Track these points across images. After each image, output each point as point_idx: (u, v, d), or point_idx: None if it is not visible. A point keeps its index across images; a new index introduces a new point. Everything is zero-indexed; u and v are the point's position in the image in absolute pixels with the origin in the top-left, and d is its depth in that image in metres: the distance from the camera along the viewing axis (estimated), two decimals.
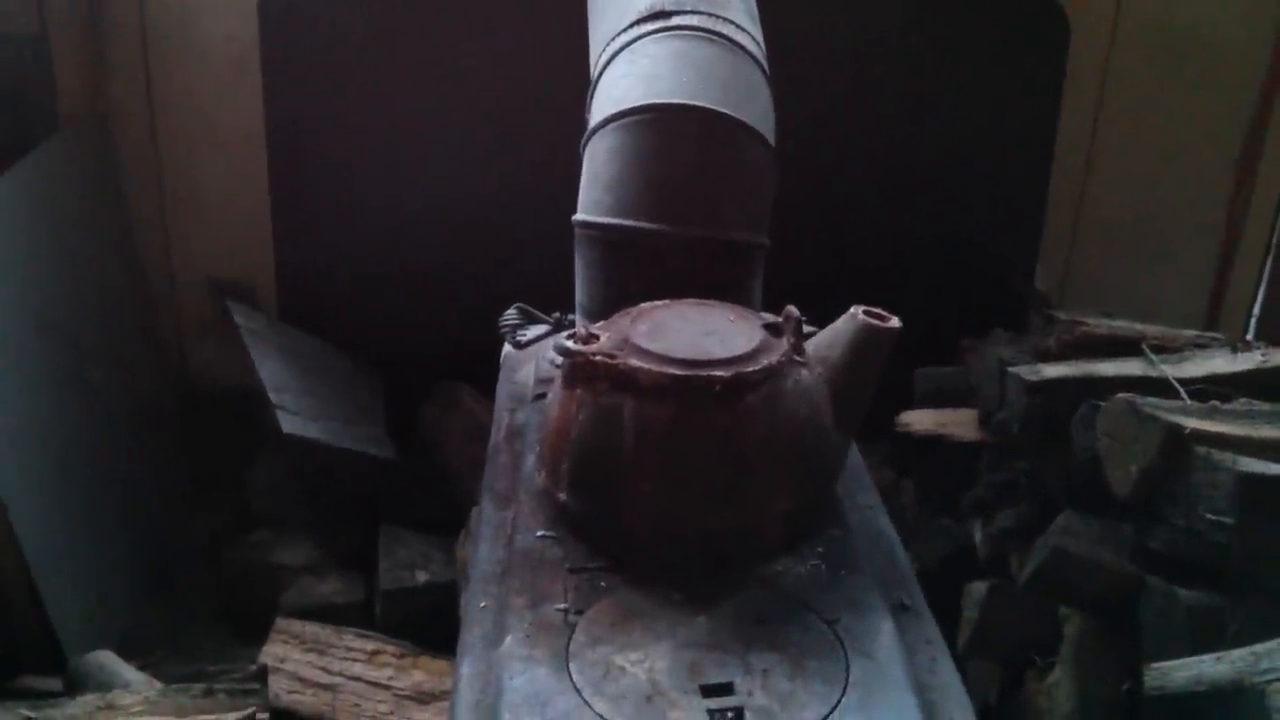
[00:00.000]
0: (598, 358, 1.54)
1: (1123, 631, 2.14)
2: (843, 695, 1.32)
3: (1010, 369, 2.44)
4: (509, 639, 1.41)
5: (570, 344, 1.57)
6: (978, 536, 2.62)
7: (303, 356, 3.26)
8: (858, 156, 3.27)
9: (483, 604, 1.55)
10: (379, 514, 3.12)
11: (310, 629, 2.78)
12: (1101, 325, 2.60)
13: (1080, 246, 3.52)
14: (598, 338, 1.58)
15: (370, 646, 2.75)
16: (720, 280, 1.85)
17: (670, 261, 1.86)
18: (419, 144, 3.23)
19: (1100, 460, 2.19)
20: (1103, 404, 2.19)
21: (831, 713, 1.29)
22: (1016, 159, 3.38)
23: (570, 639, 1.41)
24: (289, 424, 2.95)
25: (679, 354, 1.54)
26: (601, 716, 1.29)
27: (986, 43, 3.30)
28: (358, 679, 2.67)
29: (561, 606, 1.47)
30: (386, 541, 3.04)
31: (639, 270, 1.87)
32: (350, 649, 2.74)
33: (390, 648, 2.75)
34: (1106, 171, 3.47)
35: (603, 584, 1.51)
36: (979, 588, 2.50)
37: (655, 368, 1.52)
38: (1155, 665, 1.87)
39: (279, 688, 2.58)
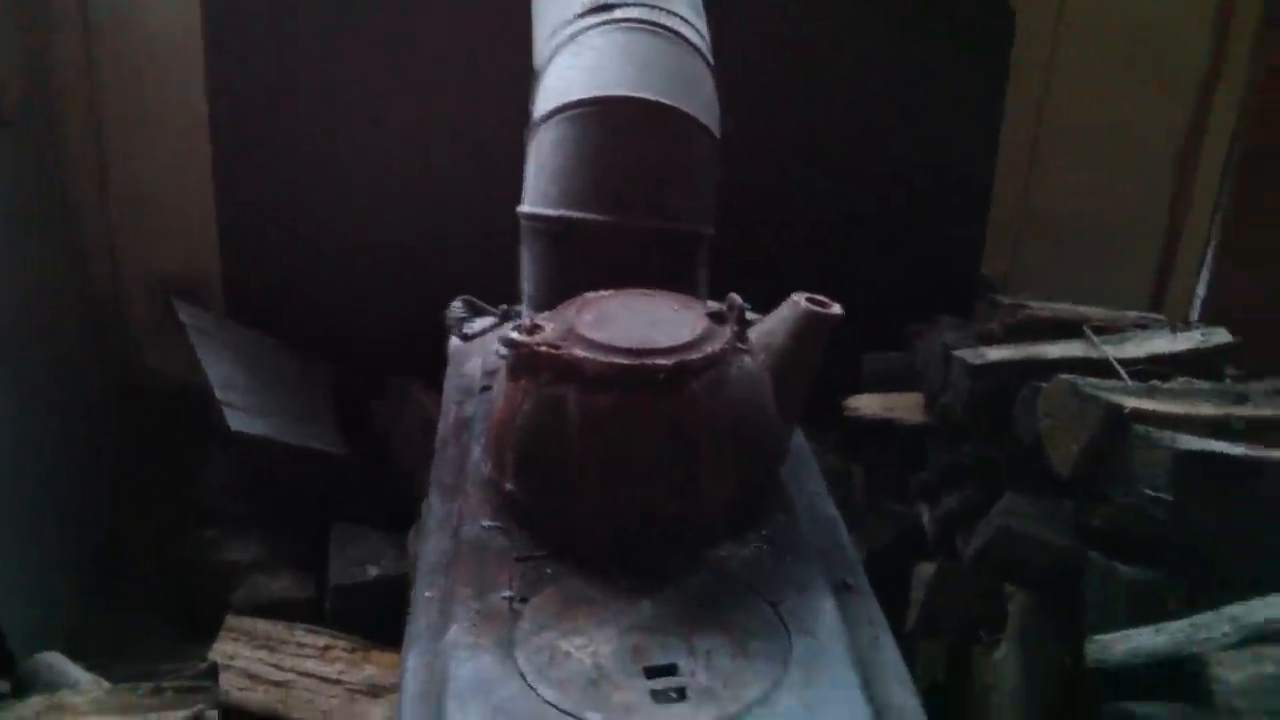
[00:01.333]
0: (542, 348, 1.55)
1: (1066, 607, 2.17)
2: (785, 673, 1.34)
3: (954, 352, 2.48)
4: (454, 628, 1.42)
5: (515, 335, 1.58)
6: (925, 519, 2.65)
7: (251, 353, 3.23)
8: (804, 146, 3.29)
9: (428, 594, 1.56)
10: (330, 510, 3.10)
11: (261, 626, 2.77)
12: (1044, 308, 2.64)
13: (1027, 235, 3.56)
14: (542, 328, 1.59)
15: (322, 642, 2.74)
16: (666, 270, 1.87)
17: (615, 252, 1.88)
18: (367, 136, 3.21)
19: (1042, 440, 2.22)
20: (1044, 385, 2.23)
21: (773, 690, 1.31)
22: (963, 149, 3.40)
23: (515, 626, 1.42)
24: (236, 421, 2.92)
25: (623, 343, 1.55)
26: (546, 701, 1.30)
27: (933, 34, 3.32)
28: (309, 675, 2.66)
29: (507, 595, 1.48)
30: (338, 537, 3.02)
31: (585, 261, 1.88)
32: (301, 645, 2.73)
33: (342, 643, 2.74)
34: (1052, 162, 3.51)
35: (549, 571, 1.52)
36: (926, 569, 2.54)
37: (599, 357, 1.53)
38: (1096, 638, 1.90)
39: (230, 685, 2.56)
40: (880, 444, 2.96)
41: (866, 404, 2.81)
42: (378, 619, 2.81)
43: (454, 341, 2.19)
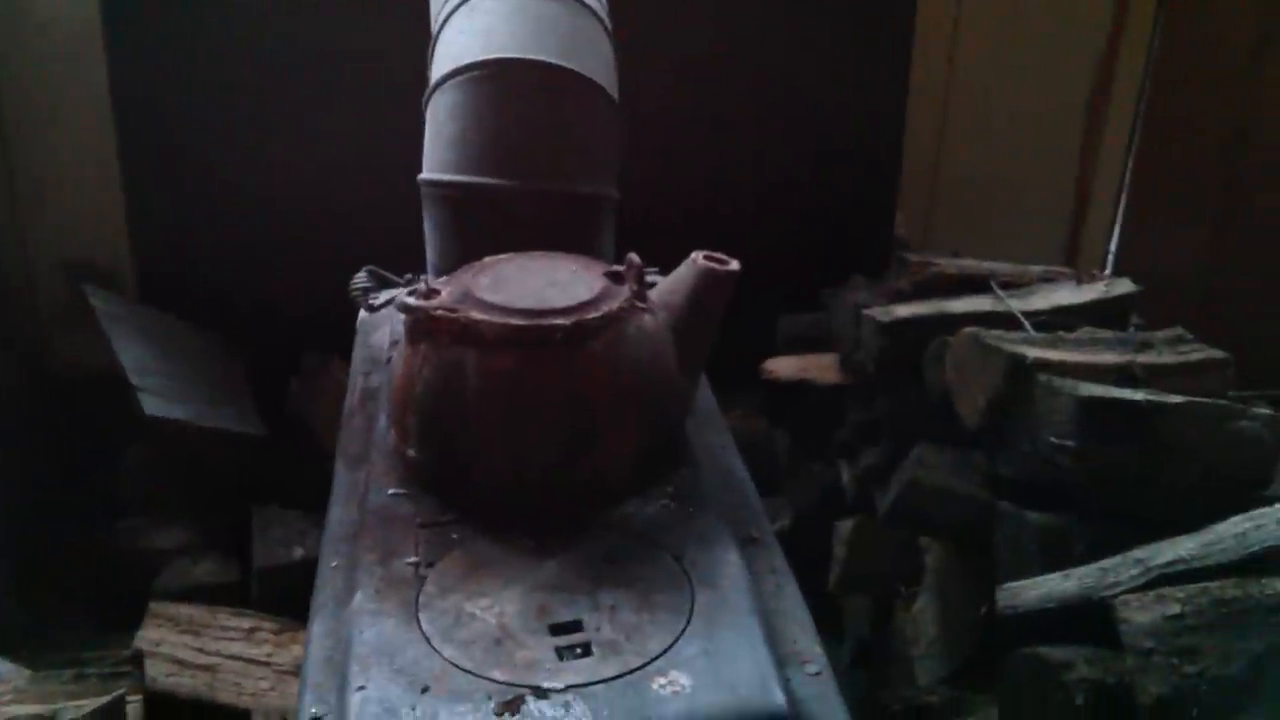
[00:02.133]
0: (438, 312, 1.54)
1: (981, 557, 2.21)
2: (687, 624, 1.35)
3: (864, 311, 2.50)
4: (358, 594, 1.41)
5: (411, 300, 1.57)
6: (845, 477, 2.68)
7: (164, 337, 3.17)
8: (711, 112, 3.28)
9: (334, 564, 1.55)
10: (252, 493, 3.07)
11: (185, 611, 2.73)
12: (952, 265, 2.67)
13: (939, 196, 3.58)
14: (439, 292, 1.58)
15: (247, 624, 2.71)
16: (569, 234, 1.86)
17: (517, 217, 1.87)
18: (273, 113, 3.16)
19: (951, 393, 2.25)
20: (950, 339, 2.26)
21: (676, 641, 1.32)
22: (871, 111, 3.42)
23: (420, 591, 1.42)
24: (151, 406, 2.87)
25: (520, 304, 1.55)
26: (449, 662, 1.30)
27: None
28: (236, 657, 2.64)
29: (412, 560, 1.47)
30: (260, 519, 2.98)
31: (487, 227, 1.87)
32: (226, 628, 2.70)
33: (268, 624, 2.72)
34: (961, 120, 3.53)
35: (454, 536, 1.52)
36: (846, 526, 2.57)
37: (496, 319, 1.53)
38: (1006, 586, 1.93)
39: (156, 672, 2.53)
40: (803, 406, 2.99)
41: (782, 366, 2.83)
42: (303, 600, 2.78)
43: (362, 314, 2.17)
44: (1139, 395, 2.08)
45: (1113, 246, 3.80)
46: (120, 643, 2.69)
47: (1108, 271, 3.71)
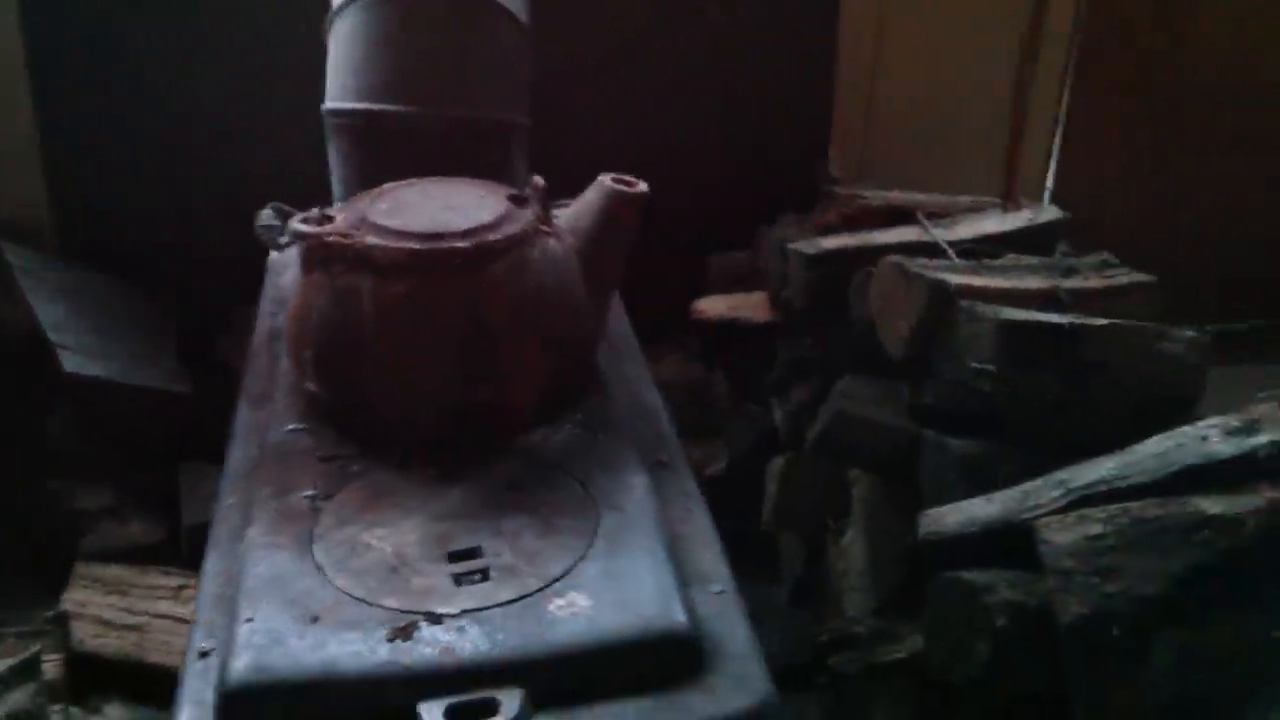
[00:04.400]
0: (331, 238, 1.49)
1: (907, 487, 2.19)
2: (590, 547, 1.32)
3: (790, 245, 2.47)
4: (251, 529, 1.38)
5: (304, 226, 1.52)
6: (777, 416, 2.66)
7: (86, 294, 3.09)
8: (636, 51, 3.22)
9: (229, 501, 1.51)
10: (179, 451, 3.01)
11: (112, 571, 2.68)
12: (878, 197, 2.65)
13: (873, 132, 3.53)
14: (332, 219, 1.54)
15: (175, 582, 2.67)
16: (479, 162, 1.81)
17: (423, 144, 1.82)
18: (193, 57, 3.07)
19: (876, 323, 2.23)
20: (874, 269, 2.23)
21: (577, 564, 1.29)
22: (801, 47, 3.38)
23: (316, 523, 1.38)
24: (71, 363, 2.80)
25: (417, 228, 1.50)
26: (342, 591, 1.26)
27: None
28: (164, 616, 2.59)
29: (309, 494, 1.43)
30: (188, 478, 2.94)
31: (392, 156, 1.83)
32: (154, 587, 2.65)
33: (195, 582, 2.67)
34: (894, 55, 3.47)
35: (355, 469, 1.48)
36: (777, 463, 2.55)
37: (392, 244, 1.48)
38: (929, 512, 1.92)
39: (83, 633, 2.49)
40: (740, 348, 2.96)
41: (712, 305, 2.80)
42: None
43: (272, 254, 2.12)
44: (1060, 318, 2.06)
45: (1049, 183, 3.77)
46: (47, 606, 2.64)
47: (1046, 197, 3.70)
